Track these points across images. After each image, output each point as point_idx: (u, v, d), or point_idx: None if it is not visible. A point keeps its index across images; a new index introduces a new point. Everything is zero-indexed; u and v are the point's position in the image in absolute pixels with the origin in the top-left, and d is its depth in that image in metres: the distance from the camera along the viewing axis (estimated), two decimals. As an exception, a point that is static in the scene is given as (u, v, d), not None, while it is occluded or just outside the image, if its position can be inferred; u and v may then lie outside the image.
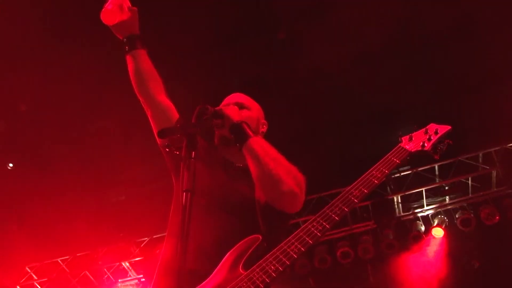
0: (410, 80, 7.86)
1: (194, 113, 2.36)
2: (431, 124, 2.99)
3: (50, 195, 8.68)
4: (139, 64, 2.92)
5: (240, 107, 2.92)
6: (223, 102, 3.04)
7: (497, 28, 7.05)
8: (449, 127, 2.96)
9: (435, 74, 7.75)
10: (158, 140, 2.89)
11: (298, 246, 2.38)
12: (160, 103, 2.91)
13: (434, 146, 2.89)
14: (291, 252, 2.37)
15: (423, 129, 2.97)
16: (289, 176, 2.57)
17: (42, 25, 6.39)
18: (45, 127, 7.92)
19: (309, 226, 2.43)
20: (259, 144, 2.62)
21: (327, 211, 2.48)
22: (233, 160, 2.90)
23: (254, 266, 2.37)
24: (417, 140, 2.90)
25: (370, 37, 7.19)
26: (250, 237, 2.47)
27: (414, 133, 2.95)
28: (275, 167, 2.54)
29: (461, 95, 7.89)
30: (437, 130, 2.93)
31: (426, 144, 2.87)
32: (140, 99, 2.96)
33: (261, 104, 3.14)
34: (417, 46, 7.42)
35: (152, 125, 2.93)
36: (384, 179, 2.67)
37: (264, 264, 2.36)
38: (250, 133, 2.64)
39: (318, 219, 2.45)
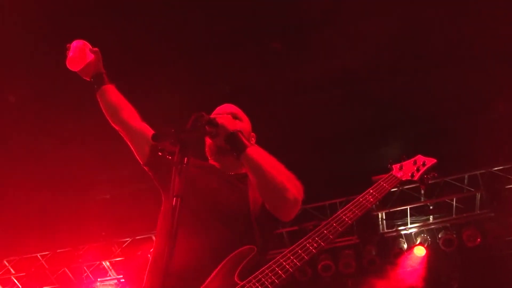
0: (401, 100, 7.93)
1: (189, 120, 2.35)
2: (419, 155, 3.24)
3: (34, 189, 8.60)
4: (108, 98, 3.08)
5: (233, 117, 2.93)
6: (215, 112, 3.04)
7: (487, 53, 7.15)
8: (435, 161, 3.21)
9: (426, 96, 7.82)
10: (141, 160, 2.99)
11: (294, 261, 2.46)
12: (134, 127, 3.01)
13: (421, 177, 3.16)
14: (287, 266, 2.44)
15: (412, 160, 3.22)
16: (291, 184, 2.64)
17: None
18: (32, 121, 7.86)
19: (305, 243, 2.54)
20: (257, 153, 2.63)
21: (323, 229, 2.60)
22: (224, 169, 2.93)
23: (251, 277, 2.41)
24: (406, 170, 3.15)
25: (363, 55, 7.26)
26: (244, 247, 2.50)
27: (404, 162, 3.20)
28: (278, 176, 2.60)
29: (451, 117, 7.98)
30: (425, 162, 3.19)
31: (415, 175, 3.14)
32: (117, 129, 3.09)
33: (252, 113, 3.17)
34: (410, 68, 7.49)
35: (132, 149, 3.04)
36: (376, 203, 2.89)
37: (260, 276, 2.41)
38: (247, 142, 2.65)
39: (314, 236, 2.57)
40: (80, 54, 3.00)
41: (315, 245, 2.53)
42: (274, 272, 2.41)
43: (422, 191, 8.75)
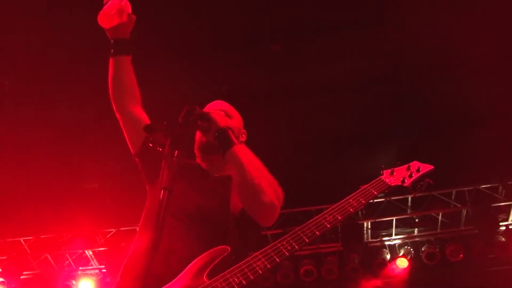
0: (395, 109, 7.97)
1: (181, 113, 2.34)
2: (415, 161, 2.98)
3: (21, 173, 8.56)
4: (120, 72, 2.88)
5: (225, 115, 2.88)
6: (206, 108, 2.99)
7: (482, 70, 7.20)
8: (432, 167, 2.94)
9: (420, 107, 7.87)
10: (133, 149, 2.89)
11: (265, 262, 2.38)
12: (133, 114, 2.88)
13: (414, 184, 2.88)
14: (256, 268, 2.36)
15: (406, 165, 2.95)
16: (271, 188, 2.58)
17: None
18: (23, 107, 7.82)
19: (279, 245, 2.44)
20: (243, 152, 2.60)
21: (299, 232, 2.49)
22: (209, 170, 2.90)
23: (218, 276, 2.36)
24: (398, 175, 2.89)
25: (361, 62, 7.30)
26: (218, 247, 2.45)
27: (396, 168, 2.93)
28: (258, 177, 2.54)
29: (443, 131, 8.03)
30: (419, 168, 2.93)
31: (406, 180, 2.87)
32: (114, 106, 2.91)
33: (246, 114, 3.14)
34: (407, 78, 7.53)
35: (125, 135, 2.91)
36: (360, 208, 2.67)
37: (228, 276, 2.35)
38: (235, 140, 2.62)
39: (288, 238, 2.46)
40: (115, 13, 2.78)
41: (288, 247, 2.43)
42: (242, 273, 2.35)
43: (409, 204, 8.81)
